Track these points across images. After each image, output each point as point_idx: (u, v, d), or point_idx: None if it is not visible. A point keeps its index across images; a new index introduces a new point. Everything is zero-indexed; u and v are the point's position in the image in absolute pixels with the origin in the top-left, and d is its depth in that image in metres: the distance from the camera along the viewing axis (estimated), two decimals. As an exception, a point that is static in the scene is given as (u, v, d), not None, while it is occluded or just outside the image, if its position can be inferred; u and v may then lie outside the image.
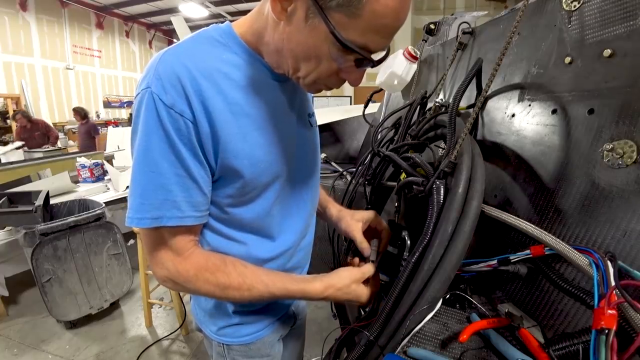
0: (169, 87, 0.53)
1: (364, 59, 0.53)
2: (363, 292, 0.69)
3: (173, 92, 0.53)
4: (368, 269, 0.71)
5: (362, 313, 0.80)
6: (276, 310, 0.80)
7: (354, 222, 0.83)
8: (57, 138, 5.95)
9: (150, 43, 12.00)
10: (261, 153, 0.63)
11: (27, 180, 3.10)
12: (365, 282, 0.71)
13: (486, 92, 0.71)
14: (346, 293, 0.68)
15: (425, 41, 1.47)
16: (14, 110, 5.83)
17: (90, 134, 5.74)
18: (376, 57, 0.54)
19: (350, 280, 0.68)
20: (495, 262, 0.64)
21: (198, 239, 0.66)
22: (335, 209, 0.91)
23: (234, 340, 0.76)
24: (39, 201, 2.31)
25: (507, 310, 0.60)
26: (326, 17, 0.48)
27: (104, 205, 2.59)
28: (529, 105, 0.75)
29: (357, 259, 0.80)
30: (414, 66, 1.41)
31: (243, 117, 0.60)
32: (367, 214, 0.85)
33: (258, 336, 0.77)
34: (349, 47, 0.50)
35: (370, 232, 0.84)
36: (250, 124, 0.61)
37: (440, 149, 0.89)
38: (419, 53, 1.40)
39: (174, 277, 0.62)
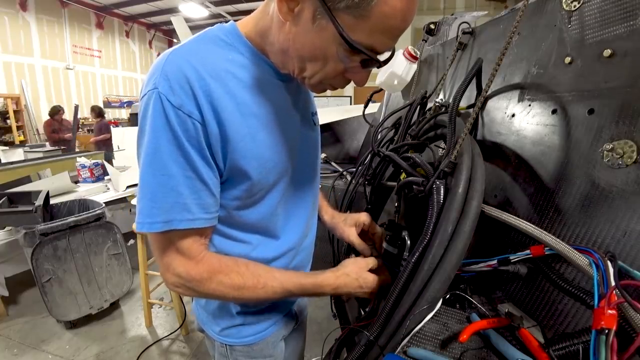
0: (177, 87, 0.52)
1: (370, 60, 0.53)
2: (372, 278, 0.71)
3: (181, 93, 0.52)
4: (371, 260, 0.74)
5: (362, 313, 0.80)
6: (279, 310, 0.80)
7: (348, 228, 0.84)
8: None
9: (150, 43, 11.99)
10: (269, 153, 0.63)
11: (27, 180, 3.10)
12: (374, 274, 0.73)
13: (486, 92, 0.71)
14: (356, 279, 0.70)
15: (425, 41, 1.47)
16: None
17: (101, 131, 6.03)
18: (382, 57, 0.54)
19: (357, 266, 0.71)
20: (495, 262, 0.64)
21: (208, 243, 0.65)
22: (327, 216, 0.92)
23: (237, 341, 0.76)
24: (39, 201, 2.31)
25: (507, 310, 0.60)
26: (334, 19, 0.48)
27: (104, 205, 2.59)
28: (529, 105, 0.75)
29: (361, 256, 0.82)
30: (414, 66, 1.41)
31: (251, 118, 0.59)
32: (359, 217, 0.85)
33: (261, 337, 0.77)
34: (356, 49, 0.50)
35: (365, 235, 0.85)
36: (258, 124, 0.61)
37: (440, 149, 0.89)
38: (419, 53, 1.40)
39: (186, 282, 0.61)
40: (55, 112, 6.19)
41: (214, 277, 0.62)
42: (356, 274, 0.70)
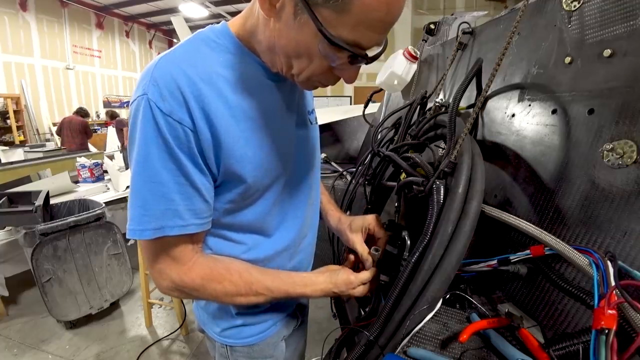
0: (167, 93, 0.51)
1: (357, 56, 0.51)
2: (360, 293, 0.72)
3: (171, 99, 0.52)
4: (366, 276, 0.73)
5: (362, 313, 0.80)
6: (280, 310, 0.80)
7: (354, 235, 0.81)
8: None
9: (150, 43, 11.98)
10: (263, 156, 0.62)
11: (27, 180, 3.10)
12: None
13: (486, 92, 0.71)
14: (341, 293, 0.71)
15: (425, 41, 1.47)
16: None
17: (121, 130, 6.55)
18: (371, 53, 0.52)
19: (347, 287, 0.71)
20: (495, 262, 0.64)
21: (201, 247, 0.65)
22: (333, 220, 0.90)
23: (237, 342, 0.76)
24: (39, 201, 2.31)
25: (507, 310, 0.60)
26: (313, 14, 0.46)
27: (104, 205, 2.59)
28: (529, 105, 0.75)
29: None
30: (414, 66, 1.41)
31: (244, 121, 0.59)
32: (364, 221, 0.82)
33: (261, 337, 0.77)
34: (338, 45, 0.48)
35: (370, 237, 0.83)
36: (252, 127, 0.60)
37: (440, 149, 0.89)
38: (419, 53, 1.40)
39: (179, 287, 0.61)
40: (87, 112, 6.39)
41: (207, 284, 0.62)
42: (343, 293, 0.71)
